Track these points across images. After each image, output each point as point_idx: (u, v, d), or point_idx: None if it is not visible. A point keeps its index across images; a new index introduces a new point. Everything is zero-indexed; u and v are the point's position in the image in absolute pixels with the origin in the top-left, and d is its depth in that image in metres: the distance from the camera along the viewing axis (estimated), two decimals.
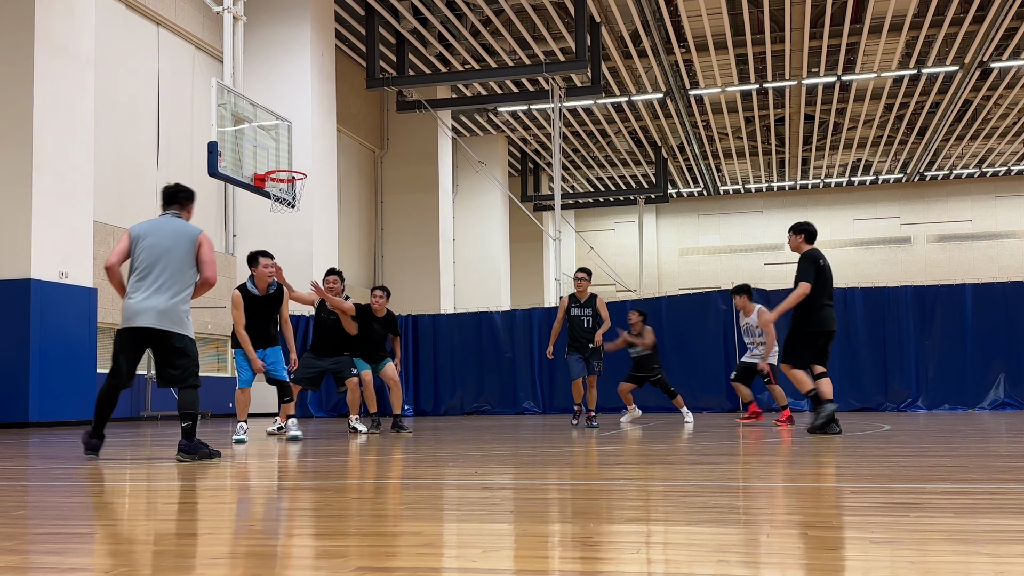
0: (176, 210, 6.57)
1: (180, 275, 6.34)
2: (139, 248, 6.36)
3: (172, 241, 6.34)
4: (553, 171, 24.79)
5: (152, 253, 6.31)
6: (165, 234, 6.37)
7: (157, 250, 6.31)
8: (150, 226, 6.47)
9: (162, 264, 6.30)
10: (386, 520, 3.33)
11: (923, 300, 16.92)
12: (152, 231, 6.40)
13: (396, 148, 27.12)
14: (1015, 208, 38.26)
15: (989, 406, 16.32)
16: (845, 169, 36.68)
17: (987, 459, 5.65)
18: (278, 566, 2.51)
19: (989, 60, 24.02)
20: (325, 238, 20.45)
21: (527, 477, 4.97)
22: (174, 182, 6.84)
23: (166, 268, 6.30)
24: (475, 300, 27.97)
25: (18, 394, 13.69)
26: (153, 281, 6.30)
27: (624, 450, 6.91)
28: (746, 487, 4.32)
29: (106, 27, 16.88)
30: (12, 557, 2.63)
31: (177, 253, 6.34)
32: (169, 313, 6.29)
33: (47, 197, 14.15)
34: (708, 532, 2.91)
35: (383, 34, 22.74)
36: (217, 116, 11.32)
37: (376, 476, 5.18)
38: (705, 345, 17.45)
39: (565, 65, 21.00)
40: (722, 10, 20.93)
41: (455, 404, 19.13)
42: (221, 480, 5.12)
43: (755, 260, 40.14)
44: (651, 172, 36.21)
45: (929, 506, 3.50)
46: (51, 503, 4.09)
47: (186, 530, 3.22)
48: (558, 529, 3.06)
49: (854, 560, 2.44)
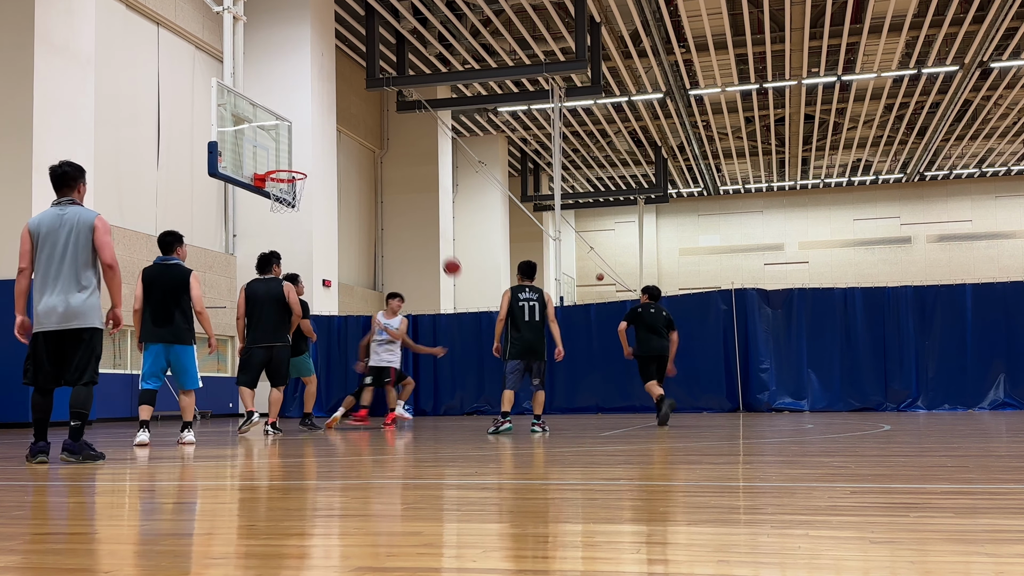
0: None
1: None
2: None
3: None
4: (553, 171, 24.79)
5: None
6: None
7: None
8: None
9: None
10: (386, 520, 3.33)
11: (923, 300, 16.92)
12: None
13: (396, 148, 27.13)
14: (1015, 208, 38.27)
15: (989, 406, 16.31)
16: (845, 169, 36.68)
17: (987, 459, 5.65)
18: (278, 566, 2.51)
19: (989, 60, 24.02)
20: (325, 238, 20.45)
21: (527, 477, 4.97)
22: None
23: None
24: (475, 300, 27.97)
25: (18, 394, 13.67)
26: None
27: (624, 450, 6.91)
28: (746, 487, 4.32)
29: (106, 27, 16.88)
30: (12, 557, 2.63)
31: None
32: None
33: (47, 197, 14.11)
34: (708, 532, 2.90)
35: (383, 34, 22.73)
36: (217, 116, 11.32)
37: (376, 476, 5.18)
38: (705, 345, 17.44)
39: (565, 65, 21.00)
40: (722, 10, 20.93)
41: (455, 404, 19.12)
42: (221, 480, 5.12)
43: (755, 260, 40.15)
44: (651, 172, 36.22)
45: (929, 506, 3.50)
46: (51, 503, 4.09)
47: (186, 530, 3.22)
48: (558, 529, 3.06)
49: (854, 560, 2.44)
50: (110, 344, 17.14)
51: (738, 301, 17.40)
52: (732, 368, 17.34)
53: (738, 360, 17.25)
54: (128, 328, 17.52)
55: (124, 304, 6.54)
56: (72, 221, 6.09)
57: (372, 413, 13.22)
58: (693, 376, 17.63)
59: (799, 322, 17.29)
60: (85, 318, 6.13)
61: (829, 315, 17.17)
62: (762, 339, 17.24)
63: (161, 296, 8.19)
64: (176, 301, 8.15)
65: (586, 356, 17.46)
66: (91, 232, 6.09)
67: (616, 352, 18.91)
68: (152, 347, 8.28)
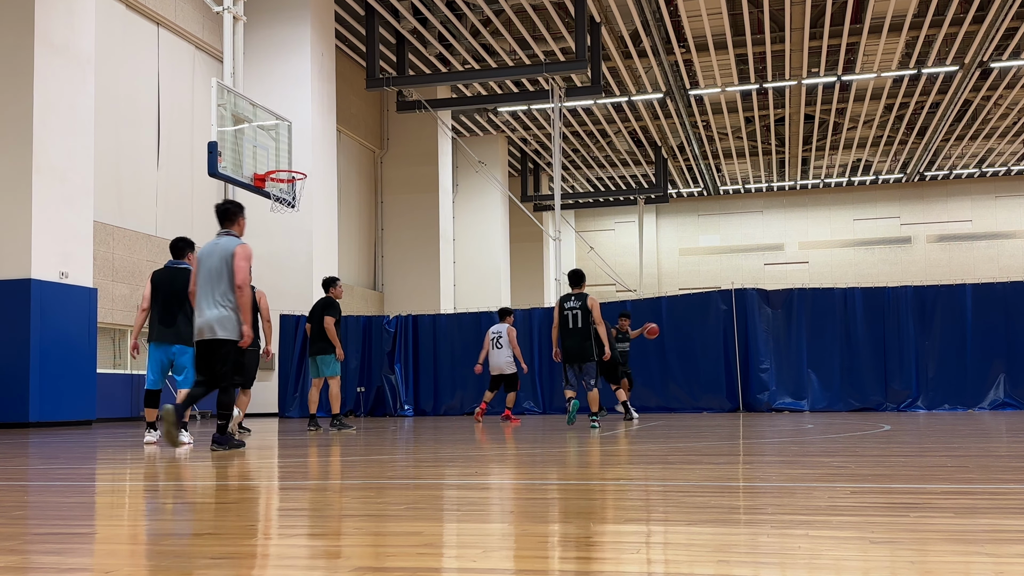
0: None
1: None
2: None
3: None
4: (553, 171, 24.79)
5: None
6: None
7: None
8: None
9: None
10: (386, 520, 3.33)
11: (923, 300, 16.92)
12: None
13: (396, 148, 27.12)
14: (1015, 208, 38.26)
15: (989, 406, 16.31)
16: (845, 169, 36.68)
17: (987, 459, 5.65)
18: (278, 566, 2.51)
19: (989, 60, 24.02)
20: (325, 238, 20.45)
21: (527, 477, 4.97)
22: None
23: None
24: (475, 300, 27.97)
25: (18, 394, 13.68)
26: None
27: (624, 450, 6.91)
28: (746, 487, 4.32)
29: (106, 27, 16.88)
30: (12, 557, 2.63)
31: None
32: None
33: (47, 197, 14.15)
34: (708, 532, 2.91)
35: (383, 34, 22.73)
36: (217, 116, 11.32)
37: (376, 476, 5.18)
38: (705, 345, 17.45)
39: (565, 65, 21.00)
40: (722, 10, 20.92)
41: (455, 404, 19.12)
42: (221, 480, 5.12)
43: (755, 260, 40.15)
44: (651, 172, 36.21)
45: (929, 506, 3.50)
46: (51, 503, 4.09)
47: (186, 530, 3.22)
48: (558, 529, 3.06)
49: (854, 560, 2.44)
50: (110, 345, 17.14)
51: (738, 301, 17.40)
52: (732, 368, 17.34)
53: (738, 360, 17.26)
54: (127, 328, 17.52)
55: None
56: (222, 249, 7.23)
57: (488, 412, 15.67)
58: (693, 376, 17.64)
59: (799, 322, 17.28)
60: (220, 331, 7.07)
61: (829, 315, 17.17)
62: (762, 339, 17.24)
63: (167, 298, 8.40)
64: (180, 304, 8.34)
65: None
66: (232, 258, 7.14)
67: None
68: (156, 347, 8.44)
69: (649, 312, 17.82)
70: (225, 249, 7.17)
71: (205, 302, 7.12)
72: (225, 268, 7.12)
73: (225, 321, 7.09)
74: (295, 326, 18.98)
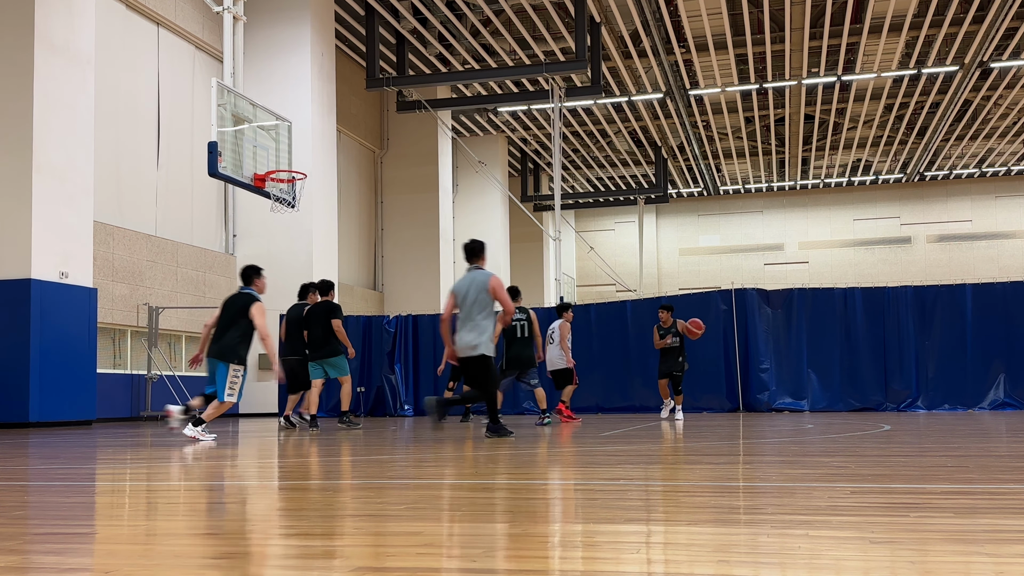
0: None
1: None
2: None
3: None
4: (553, 171, 24.79)
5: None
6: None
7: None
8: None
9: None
10: (386, 520, 3.33)
11: (923, 300, 16.91)
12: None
13: (396, 148, 27.12)
14: (1015, 208, 38.26)
15: (989, 406, 16.31)
16: (845, 169, 36.68)
17: (987, 459, 5.65)
18: (279, 566, 2.51)
19: (989, 60, 24.02)
20: (325, 238, 20.44)
21: (527, 477, 4.97)
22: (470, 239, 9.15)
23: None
24: None
25: (18, 394, 13.68)
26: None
27: (624, 450, 6.91)
28: (746, 487, 4.32)
29: (106, 27, 16.88)
30: (12, 557, 2.63)
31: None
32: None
33: (47, 197, 14.15)
34: (708, 532, 2.91)
35: (383, 34, 22.73)
36: (217, 116, 11.32)
37: (376, 476, 5.18)
38: (705, 345, 17.44)
39: (565, 65, 21.00)
40: (722, 10, 20.92)
41: None
42: (221, 480, 5.12)
43: (755, 260, 40.15)
44: (651, 172, 36.21)
45: (929, 506, 3.50)
46: (51, 503, 4.09)
47: (185, 530, 3.22)
48: (558, 529, 3.06)
49: (854, 560, 2.44)
50: (110, 345, 17.15)
51: (738, 301, 17.40)
52: (732, 368, 17.34)
53: (738, 360, 17.26)
54: (127, 328, 17.53)
55: None
56: (476, 281, 8.65)
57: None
58: (693, 376, 17.62)
59: (799, 322, 17.28)
60: (479, 348, 8.50)
61: (829, 315, 17.17)
62: (762, 339, 17.24)
63: (225, 318, 9.13)
64: (233, 323, 9.03)
65: (586, 356, 17.45)
66: (486, 290, 8.57)
67: (616, 352, 18.91)
68: (208, 360, 9.28)
69: (649, 312, 17.82)
70: (479, 281, 8.62)
71: (464, 326, 8.59)
72: (482, 296, 8.59)
73: (476, 343, 8.52)
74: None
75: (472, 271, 8.81)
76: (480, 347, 8.53)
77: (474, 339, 8.51)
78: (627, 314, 17.88)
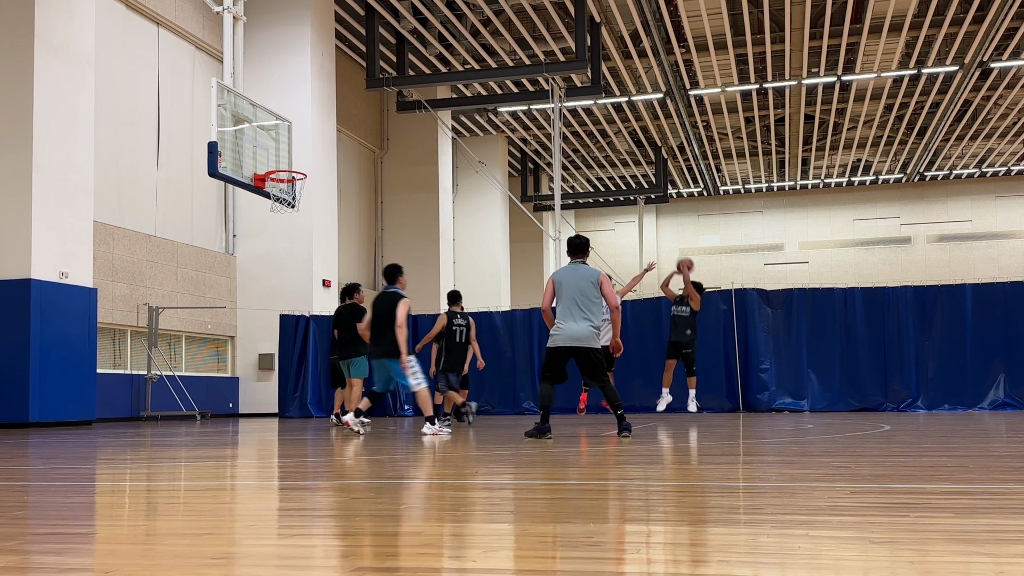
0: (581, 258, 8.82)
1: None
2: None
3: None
4: (553, 171, 24.78)
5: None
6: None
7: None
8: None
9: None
10: (386, 520, 3.33)
11: (923, 300, 16.91)
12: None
13: (396, 148, 27.12)
14: (1015, 208, 38.26)
15: (989, 406, 16.31)
16: (845, 169, 36.67)
17: (987, 459, 5.65)
18: (279, 566, 2.51)
19: (989, 60, 24.02)
20: (325, 238, 20.45)
21: (527, 477, 4.97)
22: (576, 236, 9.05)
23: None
24: (475, 300, 27.95)
25: (18, 394, 13.69)
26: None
27: (624, 450, 6.91)
28: (746, 487, 4.32)
29: (106, 27, 16.88)
30: (12, 557, 2.63)
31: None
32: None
33: (47, 197, 14.15)
34: (708, 532, 2.91)
35: (383, 34, 22.73)
36: (217, 116, 11.32)
37: (376, 476, 5.18)
38: (705, 345, 17.43)
39: (565, 65, 21.00)
40: (722, 10, 20.92)
41: None
42: (221, 480, 5.12)
43: (755, 260, 40.15)
44: (651, 172, 36.21)
45: (929, 506, 3.50)
46: (51, 503, 4.09)
47: (186, 530, 3.22)
48: (558, 529, 3.06)
49: (854, 560, 2.44)
50: (110, 345, 17.15)
51: (738, 301, 17.40)
52: (732, 368, 17.33)
53: (738, 360, 17.25)
54: (127, 328, 17.54)
55: None
56: (581, 274, 8.64)
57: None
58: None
59: (799, 322, 17.28)
60: (587, 341, 8.46)
61: (829, 315, 17.17)
62: (762, 339, 17.23)
63: (378, 319, 9.61)
64: (387, 323, 9.49)
65: None
66: (596, 285, 8.60)
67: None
68: (376, 363, 9.78)
69: (649, 312, 17.83)
70: (586, 275, 8.63)
71: (572, 317, 8.53)
72: (590, 290, 8.59)
73: (592, 334, 8.54)
74: (295, 326, 18.97)
75: (575, 264, 8.85)
76: (596, 340, 8.62)
77: (588, 331, 8.52)
78: (627, 314, 17.87)
